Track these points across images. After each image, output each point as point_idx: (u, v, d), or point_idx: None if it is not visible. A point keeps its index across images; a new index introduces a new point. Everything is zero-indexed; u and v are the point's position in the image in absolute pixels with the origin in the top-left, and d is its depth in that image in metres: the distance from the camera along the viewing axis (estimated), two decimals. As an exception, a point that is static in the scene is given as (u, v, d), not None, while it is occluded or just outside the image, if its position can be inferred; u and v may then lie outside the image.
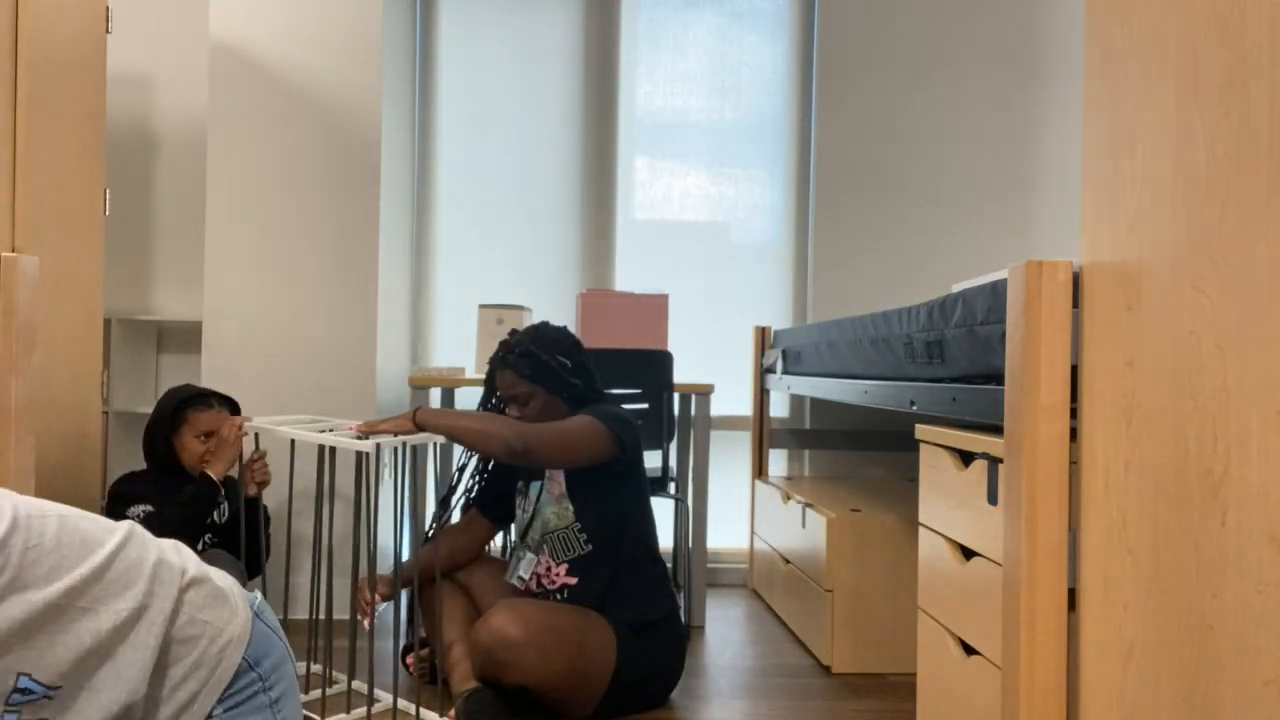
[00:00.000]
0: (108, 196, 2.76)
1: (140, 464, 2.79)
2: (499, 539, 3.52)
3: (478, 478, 2.71)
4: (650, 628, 2.47)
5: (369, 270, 3.25)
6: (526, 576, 2.51)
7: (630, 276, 4.04)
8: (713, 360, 4.02)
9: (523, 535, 2.56)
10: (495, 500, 2.67)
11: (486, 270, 4.01)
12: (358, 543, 2.42)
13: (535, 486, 2.56)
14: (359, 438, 2.28)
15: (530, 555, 2.52)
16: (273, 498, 3.10)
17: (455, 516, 2.73)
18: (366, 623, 2.37)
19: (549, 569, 2.48)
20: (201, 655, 1.11)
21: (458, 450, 3.07)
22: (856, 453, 3.99)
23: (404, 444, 2.24)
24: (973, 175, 4.03)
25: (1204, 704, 1.23)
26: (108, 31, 2.49)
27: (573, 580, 2.46)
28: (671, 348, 3.41)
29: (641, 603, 2.47)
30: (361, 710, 2.35)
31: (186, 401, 2.69)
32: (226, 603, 1.14)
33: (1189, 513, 1.26)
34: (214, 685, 1.11)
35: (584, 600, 2.44)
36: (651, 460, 3.68)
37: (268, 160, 3.23)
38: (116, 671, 1.05)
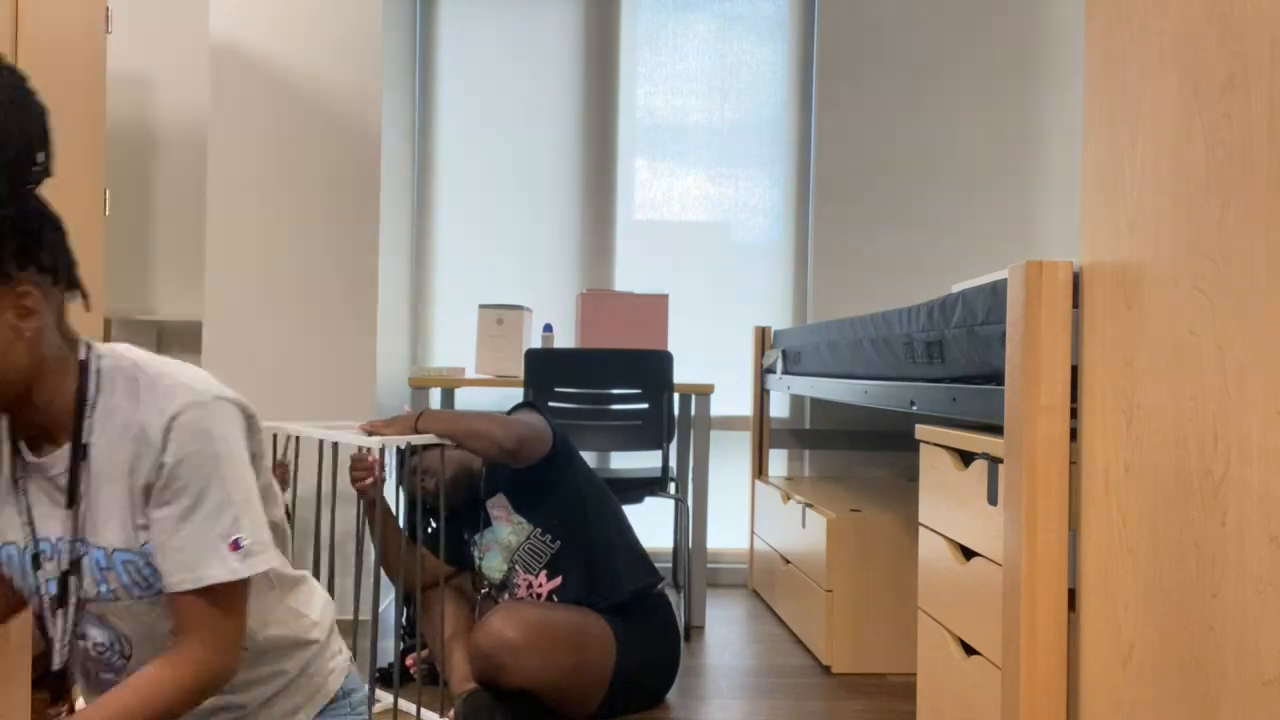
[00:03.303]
0: (108, 196, 2.77)
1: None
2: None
3: (431, 527, 2.70)
4: (640, 605, 2.48)
5: (369, 270, 3.25)
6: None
7: (630, 276, 4.04)
8: (713, 360, 4.02)
9: (496, 581, 2.54)
10: (455, 548, 2.65)
11: (486, 270, 4.01)
12: (360, 541, 2.42)
13: (483, 534, 2.56)
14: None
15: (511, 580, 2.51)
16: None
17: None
18: (368, 483, 2.40)
19: (529, 584, 2.48)
20: (318, 669, 1.29)
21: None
22: (856, 453, 3.98)
23: (408, 444, 2.24)
24: (973, 175, 4.03)
25: (1204, 704, 1.23)
26: (108, 31, 2.49)
27: (556, 581, 2.45)
28: (671, 348, 3.41)
29: (624, 578, 2.47)
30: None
31: None
32: (338, 636, 1.33)
33: (1189, 513, 1.26)
34: (317, 700, 1.27)
35: (573, 594, 2.43)
36: (651, 460, 3.68)
37: (268, 160, 3.23)
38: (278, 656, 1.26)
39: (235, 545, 1.09)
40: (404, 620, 2.67)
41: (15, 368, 1.05)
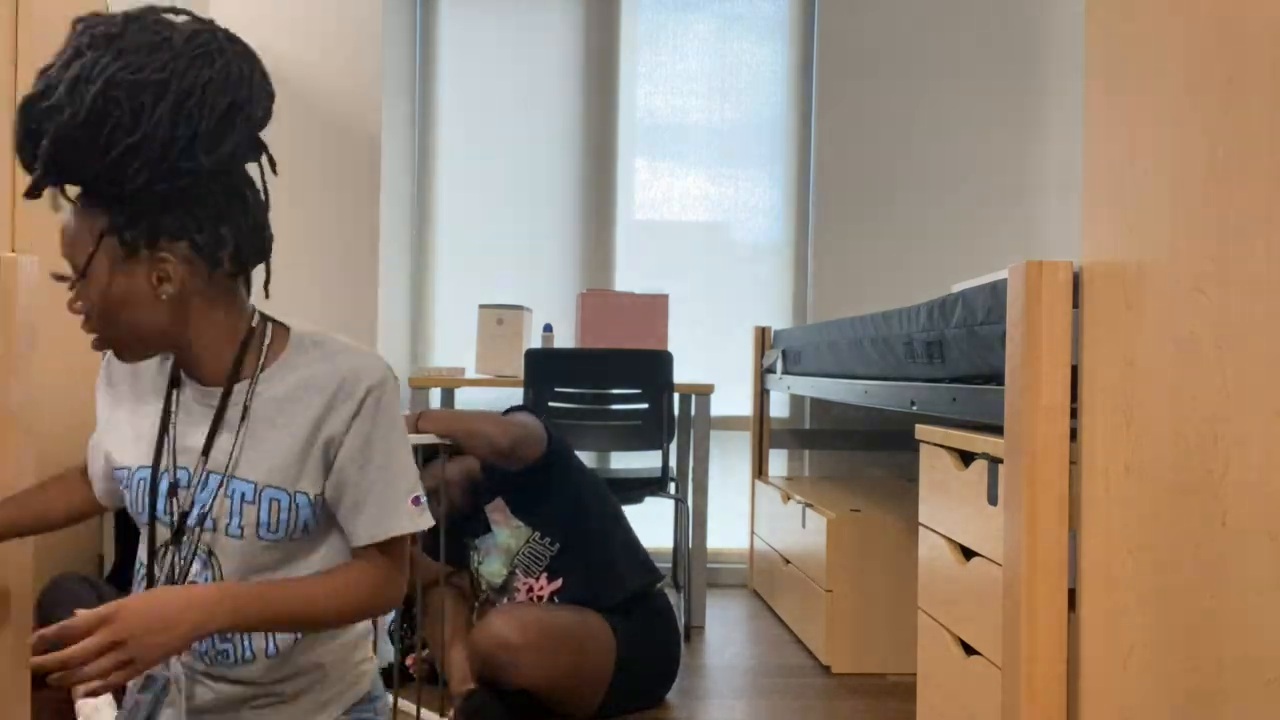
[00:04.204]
0: (108, 196, 2.76)
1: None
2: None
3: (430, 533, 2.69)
4: (640, 605, 2.48)
5: (369, 270, 3.25)
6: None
7: (630, 276, 4.04)
8: (713, 360, 4.02)
9: (496, 586, 2.53)
10: (456, 550, 2.65)
11: (486, 270, 4.01)
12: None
13: (484, 538, 2.55)
14: None
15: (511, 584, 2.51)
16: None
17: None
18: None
19: (530, 588, 2.47)
20: (351, 665, 1.32)
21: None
22: (856, 453, 3.98)
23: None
24: (973, 175, 4.03)
25: (1204, 704, 1.23)
26: (108, 31, 2.49)
27: (556, 583, 2.45)
28: (671, 348, 3.41)
29: (625, 578, 2.47)
30: (361, 710, 2.35)
31: None
32: (370, 642, 1.37)
33: (1189, 513, 1.26)
34: (346, 698, 1.31)
35: (574, 595, 2.43)
36: (651, 460, 3.68)
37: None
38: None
39: (415, 501, 1.23)
40: (401, 623, 2.66)
41: (155, 326, 1.14)
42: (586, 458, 3.86)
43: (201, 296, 1.17)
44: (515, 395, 3.87)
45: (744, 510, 4.02)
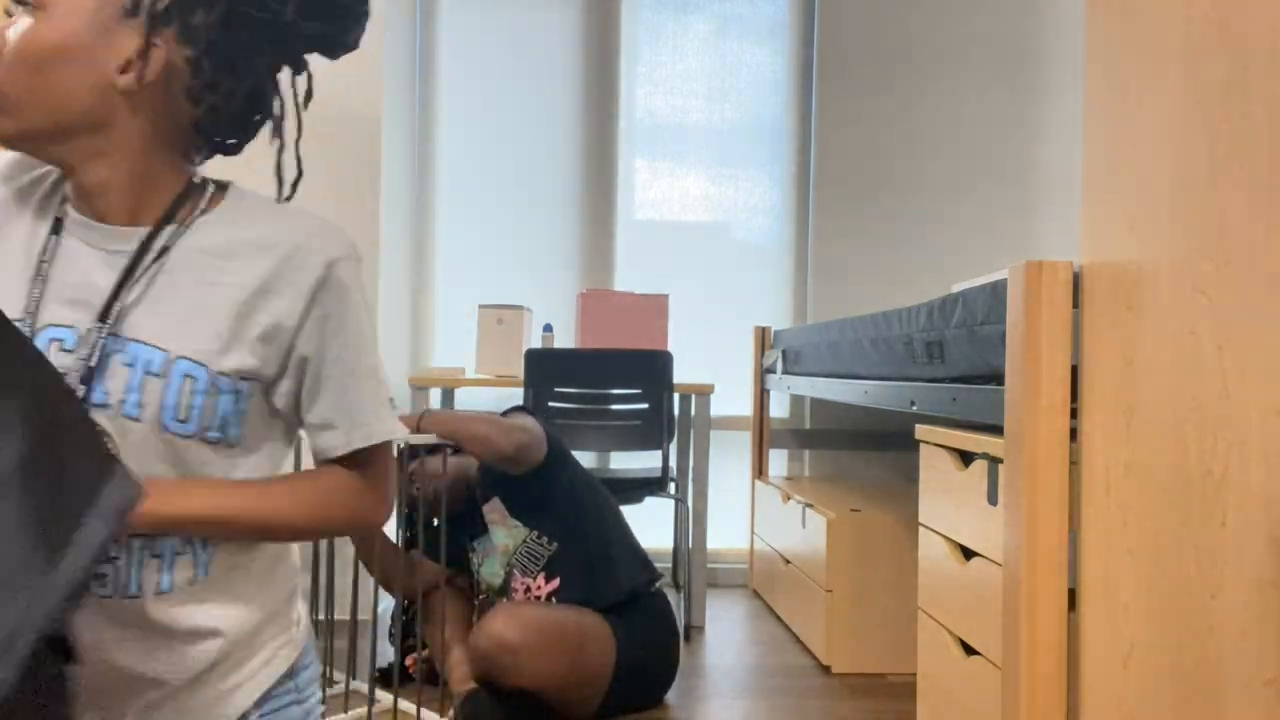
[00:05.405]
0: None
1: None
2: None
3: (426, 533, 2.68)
4: (639, 605, 2.48)
5: (369, 270, 3.25)
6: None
7: (630, 276, 4.04)
8: (713, 360, 4.02)
9: (495, 587, 2.54)
10: (456, 553, 2.65)
11: (486, 270, 4.01)
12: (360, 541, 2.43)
13: (482, 540, 2.55)
14: None
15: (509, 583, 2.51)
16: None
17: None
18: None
19: (527, 588, 2.47)
20: (264, 641, 1.04)
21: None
22: (856, 453, 3.98)
23: (406, 444, 2.25)
24: (973, 175, 4.03)
25: (1204, 704, 1.23)
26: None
27: (554, 583, 2.45)
28: (671, 348, 3.42)
29: (623, 577, 2.48)
30: (361, 710, 2.35)
31: None
32: (298, 604, 1.09)
33: (1189, 513, 1.26)
34: (260, 680, 1.03)
35: (572, 595, 2.43)
36: (651, 460, 3.68)
37: (267, 161, 3.23)
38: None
39: (390, 405, 1.03)
40: (399, 623, 2.66)
41: (78, 105, 0.91)
42: (586, 458, 3.86)
43: (151, 117, 0.95)
44: (515, 395, 3.87)
45: (744, 510, 4.02)
